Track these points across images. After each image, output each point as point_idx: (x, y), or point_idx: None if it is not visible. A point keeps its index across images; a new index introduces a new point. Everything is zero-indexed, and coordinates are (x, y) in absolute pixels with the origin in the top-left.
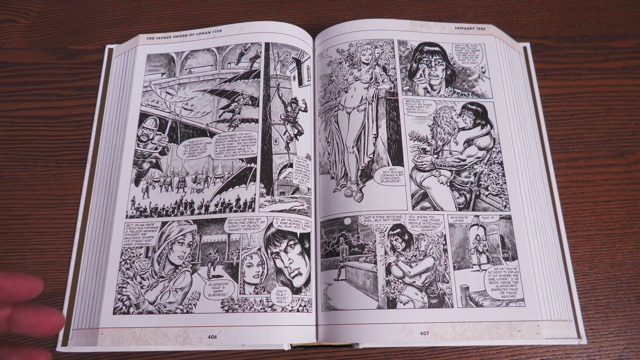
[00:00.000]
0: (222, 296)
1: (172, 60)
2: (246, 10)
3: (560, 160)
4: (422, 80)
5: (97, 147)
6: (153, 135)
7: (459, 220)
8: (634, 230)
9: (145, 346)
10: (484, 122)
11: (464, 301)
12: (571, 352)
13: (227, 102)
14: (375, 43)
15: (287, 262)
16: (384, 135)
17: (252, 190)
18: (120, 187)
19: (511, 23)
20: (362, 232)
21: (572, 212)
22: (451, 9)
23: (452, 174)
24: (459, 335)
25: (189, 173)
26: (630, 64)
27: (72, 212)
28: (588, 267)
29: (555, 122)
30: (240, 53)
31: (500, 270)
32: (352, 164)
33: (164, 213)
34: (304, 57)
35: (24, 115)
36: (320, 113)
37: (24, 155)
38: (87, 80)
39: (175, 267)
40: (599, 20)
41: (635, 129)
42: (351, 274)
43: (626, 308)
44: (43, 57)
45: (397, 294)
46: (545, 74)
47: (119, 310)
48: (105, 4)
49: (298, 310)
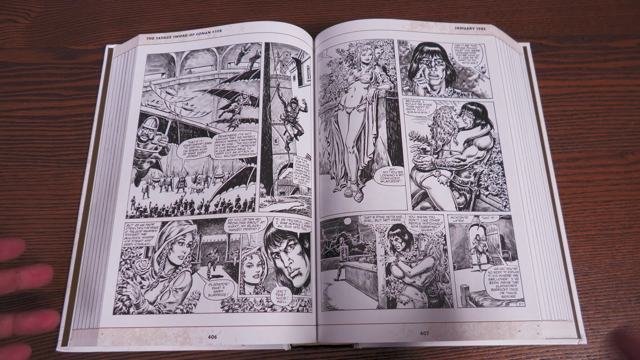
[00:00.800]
0: (222, 296)
1: (172, 60)
2: (246, 10)
3: (560, 160)
4: (422, 80)
5: (97, 147)
6: (153, 135)
7: (459, 220)
8: (634, 230)
9: (145, 346)
10: (484, 122)
11: (464, 301)
12: (571, 352)
13: (227, 102)
14: (375, 43)
15: (287, 262)
16: (384, 135)
17: (252, 190)
18: (120, 187)
19: (511, 23)
20: (362, 232)
21: (572, 212)
22: (451, 9)
23: (452, 174)
24: (459, 335)
25: (189, 173)
26: (630, 64)
27: (72, 212)
28: (588, 267)
29: (555, 122)
30: (240, 53)
31: (500, 270)
32: (352, 164)
33: (164, 213)
34: (304, 57)
35: (24, 115)
36: (320, 113)
37: (24, 155)
38: (87, 80)
39: (175, 267)
40: (599, 20)
41: (635, 129)
42: (351, 274)
43: (626, 308)
44: (43, 57)
45: (397, 294)
46: (545, 74)
47: (119, 310)
48: (105, 4)
49: (298, 310)
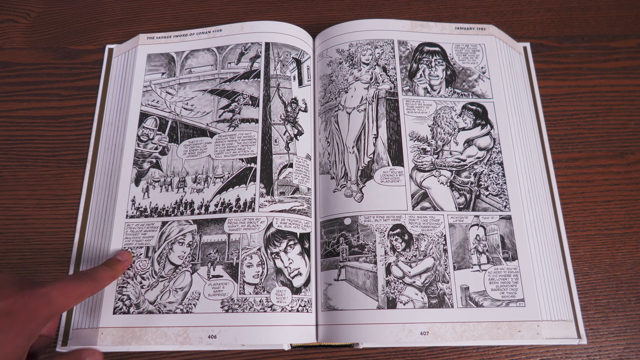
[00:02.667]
0: (222, 296)
1: (172, 60)
2: (246, 10)
3: (560, 160)
4: (422, 81)
5: (97, 147)
6: (153, 135)
7: (459, 220)
8: (634, 230)
9: (145, 346)
10: (484, 122)
11: (464, 301)
12: (571, 352)
13: (227, 102)
14: (375, 43)
15: (287, 262)
16: (384, 136)
17: (252, 190)
18: (120, 187)
19: (511, 23)
20: (362, 232)
21: (572, 212)
22: (451, 9)
23: (452, 174)
24: (459, 335)
25: (189, 173)
26: (630, 64)
27: (72, 212)
28: (588, 267)
29: (555, 122)
30: (240, 53)
31: (500, 270)
32: (352, 164)
33: (164, 213)
34: (304, 57)
35: (24, 115)
36: (320, 113)
37: (24, 155)
38: (87, 80)
39: (175, 267)
40: (599, 20)
41: (635, 129)
42: (351, 274)
43: (626, 308)
44: (43, 57)
45: (397, 294)
46: (545, 74)
47: (119, 310)
48: (105, 4)
49: (298, 310)
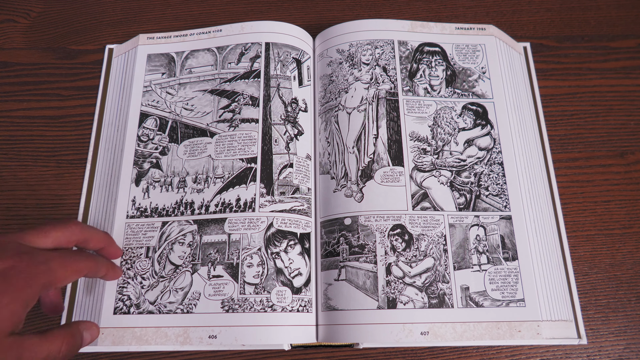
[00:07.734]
0: (222, 296)
1: (172, 60)
2: (246, 10)
3: (560, 160)
4: (422, 81)
5: (97, 147)
6: (153, 135)
7: (459, 220)
8: (634, 230)
9: (145, 346)
10: (484, 122)
11: (464, 301)
12: (571, 352)
13: (227, 102)
14: (375, 43)
15: (287, 262)
16: (384, 136)
17: (252, 190)
18: (120, 187)
19: (511, 23)
20: (362, 232)
21: (572, 212)
22: (451, 9)
23: (452, 174)
24: (459, 335)
25: (189, 173)
26: (630, 64)
27: (72, 212)
28: (588, 267)
29: (555, 122)
30: (240, 53)
31: (500, 270)
32: (352, 164)
33: (164, 213)
34: (304, 57)
35: (24, 115)
36: (320, 113)
37: (24, 155)
38: (87, 80)
39: (175, 267)
40: (599, 20)
41: (635, 129)
42: (351, 274)
43: (626, 308)
44: (43, 57)
45: (397, 294)
46: (545, 74)
47: (120, 310)
48: (105, 4)
49: (298, 310)
